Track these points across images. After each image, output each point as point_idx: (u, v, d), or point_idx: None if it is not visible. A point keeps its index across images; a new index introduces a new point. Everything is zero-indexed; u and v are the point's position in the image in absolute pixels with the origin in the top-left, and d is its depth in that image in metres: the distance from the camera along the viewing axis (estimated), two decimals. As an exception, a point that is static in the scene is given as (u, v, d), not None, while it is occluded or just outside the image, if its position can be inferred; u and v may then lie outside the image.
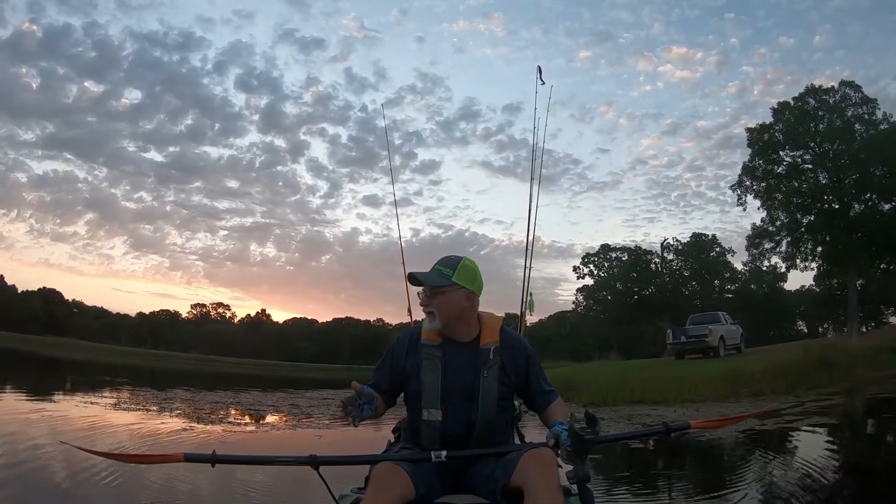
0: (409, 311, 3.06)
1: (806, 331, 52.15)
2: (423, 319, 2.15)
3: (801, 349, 14.53)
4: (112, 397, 11.98)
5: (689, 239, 48.66)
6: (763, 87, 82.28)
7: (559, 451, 1.81)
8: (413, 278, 2.08)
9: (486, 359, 2.03)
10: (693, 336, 19.82)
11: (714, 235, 48.99)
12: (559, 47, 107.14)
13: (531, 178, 3.39)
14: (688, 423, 2.12)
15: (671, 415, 9.18)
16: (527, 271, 3.28)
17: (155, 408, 10.40)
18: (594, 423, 1.77)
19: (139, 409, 9.90)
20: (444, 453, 1.86)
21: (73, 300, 76.81)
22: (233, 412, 10.73)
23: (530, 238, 3.32)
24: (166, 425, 8.15)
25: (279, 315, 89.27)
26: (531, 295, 3.26)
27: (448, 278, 2.03)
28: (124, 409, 9.72)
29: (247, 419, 9.94)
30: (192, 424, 8.47)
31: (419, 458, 1.89)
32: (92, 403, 10.64)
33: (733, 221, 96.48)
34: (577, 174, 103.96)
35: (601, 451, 6.44)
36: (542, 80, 3.49)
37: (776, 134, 28.20)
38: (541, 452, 1.78)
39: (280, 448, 6.61)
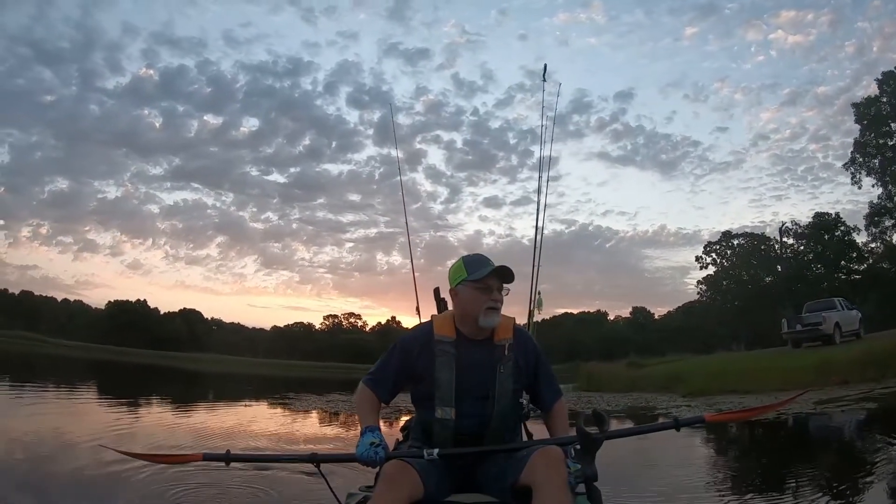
0: (418, 309, 3.04)
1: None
2: (427, 316, 2.33)
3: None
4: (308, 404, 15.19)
5: (810, 219, 46.07)
6: (882, 42, 73.94)
7: (568, 450, 1.85)
8: (508, 272, 2.09)
9: (500, 355, 2.05)
10: (808, 324, 19.99)
11: (837, 213, 45.80)
12: (664, 28, 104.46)
13: (538, 179, 3.42)
14: (701, 416, 2.13)
15: (750, 402, 9.82)
16: (535, 269, 3.21)
17: (324, 408, 12.78)
18: (602, 422, 1.81)
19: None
20: (435, 451, 1.87)
21: (212, 318, 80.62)
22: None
23: (538, 237, 3.32)
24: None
25: (409, 321, 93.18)
26: (540, 293, 3.17)
27: None
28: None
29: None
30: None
31: (412, 455, 1.91)
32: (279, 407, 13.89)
33: (867, 192, 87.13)
34: (698, 156, 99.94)
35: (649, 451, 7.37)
36: (543, 79, 3.47)
37: (884, 106, 27.05)
38: (550, 451, 1.79)
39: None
